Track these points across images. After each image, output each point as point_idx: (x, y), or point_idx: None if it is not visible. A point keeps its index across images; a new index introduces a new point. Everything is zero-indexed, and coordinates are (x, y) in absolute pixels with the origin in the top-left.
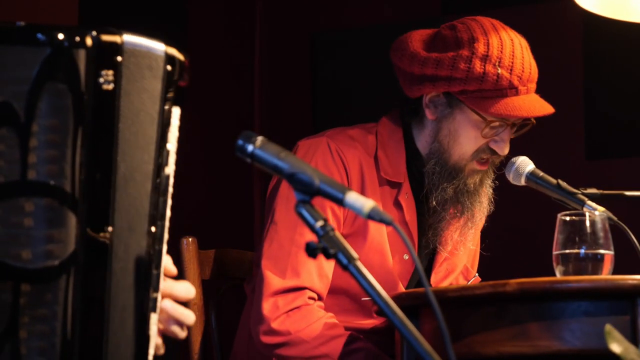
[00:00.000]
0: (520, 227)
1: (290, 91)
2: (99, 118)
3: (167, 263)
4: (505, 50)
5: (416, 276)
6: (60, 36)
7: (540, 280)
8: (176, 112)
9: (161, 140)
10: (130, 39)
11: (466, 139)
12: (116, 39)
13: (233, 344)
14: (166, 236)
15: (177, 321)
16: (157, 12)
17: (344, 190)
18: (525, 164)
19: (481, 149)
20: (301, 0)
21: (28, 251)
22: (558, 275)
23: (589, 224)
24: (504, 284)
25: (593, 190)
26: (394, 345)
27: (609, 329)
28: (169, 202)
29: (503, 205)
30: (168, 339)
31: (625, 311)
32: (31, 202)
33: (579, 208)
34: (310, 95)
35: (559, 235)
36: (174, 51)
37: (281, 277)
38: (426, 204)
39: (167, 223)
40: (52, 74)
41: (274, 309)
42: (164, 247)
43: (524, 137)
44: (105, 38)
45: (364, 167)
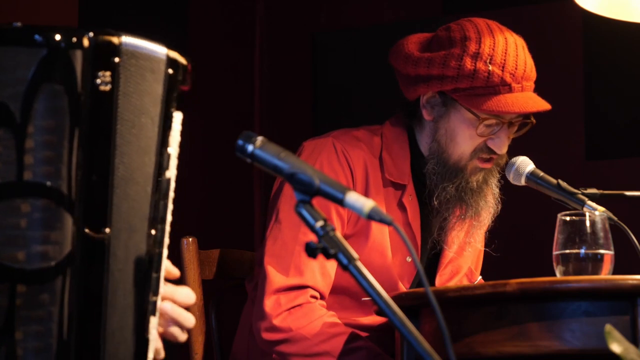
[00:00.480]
0: (520, 227)
1: (290, 91)
2: (96, 119)
3: (168, 266)
4: (497, 48)
5: (419, 277)
6: (57, 37)
7: (540, 280)
8: (178, 117)
9: (162, 143)
10: (129, 40)
11: (462, 138)
12: (114, 40)
13: (233, 344)
14: (167, 240)
15: (178, 323)
16: (157, 13)
17: (344, 190)
18: (526, 164)
19: (479, 148)
20: (302, 1)
21: (24, 252)
22: (558, 276)
23: (589, 224)
24: (504, 284)
25: (593, 191)
26: (394, 343)
27: (609, 329)
28: (170, 206)
29: (503, 205)
30: (168, 342)
31: (625, 311)
32: (27, 203)
33: (579, 208)
34: (311, 96)
35: (559, 236)
36: (176, 55)
37: (284, 275)
38: (429, 204)
39: (168, 227)
40: (49, 74)
41: (276, 306)
42: (165, 251)
43: (524, 137)
44: (102, 39)
45: (368, 168)
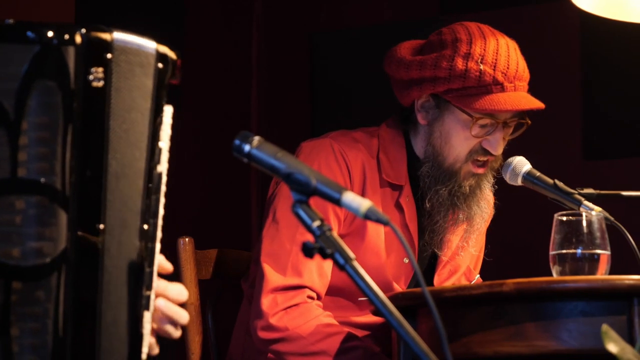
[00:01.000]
0: (517, 227)
1: (288, 91)
2: (89, 115)
3: (162, 261)
4: (488, 48)
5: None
6: (50, 34)
7: (537, 280)
8: (168, 111)
9: (153, 137)
10: (120, 36)
11: (457, 140)
12: (106, 36)
13: (229, 344)
14: (159, 235)
15: (171, 320)
16: (154, 12)
17: (340, 190)
18: (522, 164)
19: (474, 150)
20: (299, 0)
21: (19, 249)
22: (555, 275)
23: (585, 224)
24: (501, 284)
25: (590, 191)
26: (391, 342)
27: (606, 329)
28: (162, 201)
29: (499, 205)
30: (163, 340)
31: (621, 311)
32: (22, 200)
33: (575, 208)
34: (309, 96)
35: (555, 236)
36: (165, 49)
37: (281, 274)
38: (423, 207)
39: (161, 222)
40: (42, 71)
41: (273, 305)
42: (157, 246)
43: (521, 137)
44: (94, 35)
45: (366, 169)
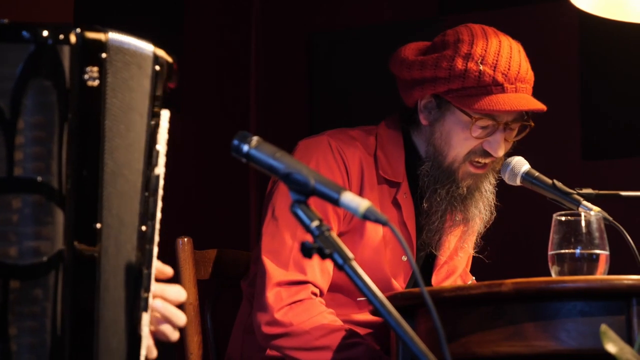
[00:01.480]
0: (515, 227)
1: (287, 91)
2: (85, 114)
3: (160, 266)
4: (490, 49)
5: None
6: (45, 33)
7: (535, 280)
8: (165, 114)
9: (151, 139)
10: (116, 36)
11: (457, 141)
12: (100, 36)
13: (228, 344)
14: (157, 238)
15: (169, 321)
16: (153, 12)
17: (339, 190)
18: (521, 164)
19: (474, 151)
20: (298, 0)
21: (16, 248)
22: (553, 276)
23: (584, 224)
24: (500, 284)
25: (588, 191)
26: (389, 340)
27: (605, 329)
28: (160, 204)
29: (499, 205)
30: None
31: (620, 311)
32: (18, 199)
33: (574, 208)
34: (307, 96)
35: (554, 236)
36: (162, 52)
37: (284, 270)
38: (420, 206)
39: (158, 225)
40: (37, 70)
41: (278, 299)
42: (155, 248)
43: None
44: (89, 35)
45: (363, 166)
